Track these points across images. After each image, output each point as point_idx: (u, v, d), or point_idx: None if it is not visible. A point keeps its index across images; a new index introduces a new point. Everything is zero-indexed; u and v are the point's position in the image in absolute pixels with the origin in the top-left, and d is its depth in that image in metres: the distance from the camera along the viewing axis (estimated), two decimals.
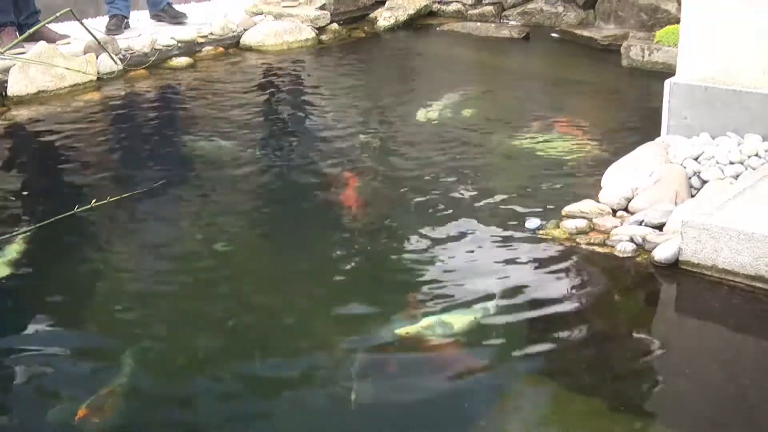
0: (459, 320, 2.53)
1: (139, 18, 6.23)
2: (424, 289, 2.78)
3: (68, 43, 5.41)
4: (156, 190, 3.58)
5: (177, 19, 6.14)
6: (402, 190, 3.57)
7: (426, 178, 3.66)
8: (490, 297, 2.67)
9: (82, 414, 2.18)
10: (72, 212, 3.08)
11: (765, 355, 2.45)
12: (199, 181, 3.86)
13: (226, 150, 4.18)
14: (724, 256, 2.68)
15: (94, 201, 3.24)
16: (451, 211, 3.31)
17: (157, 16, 6.07)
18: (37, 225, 3.15)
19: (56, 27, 5.52)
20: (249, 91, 5.24)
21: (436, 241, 3.06)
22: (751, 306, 2.60)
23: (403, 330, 2.46)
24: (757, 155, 3.24)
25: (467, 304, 2.64)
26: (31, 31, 4.77)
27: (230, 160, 4.01)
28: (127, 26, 5.95)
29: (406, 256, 2.98)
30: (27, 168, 4.14)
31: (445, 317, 2.55)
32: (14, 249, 3.07)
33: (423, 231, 3.14)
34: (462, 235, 3.11)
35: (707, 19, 3.51)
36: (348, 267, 2.97)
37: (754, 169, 3.17)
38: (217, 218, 3.50)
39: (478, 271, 2.86)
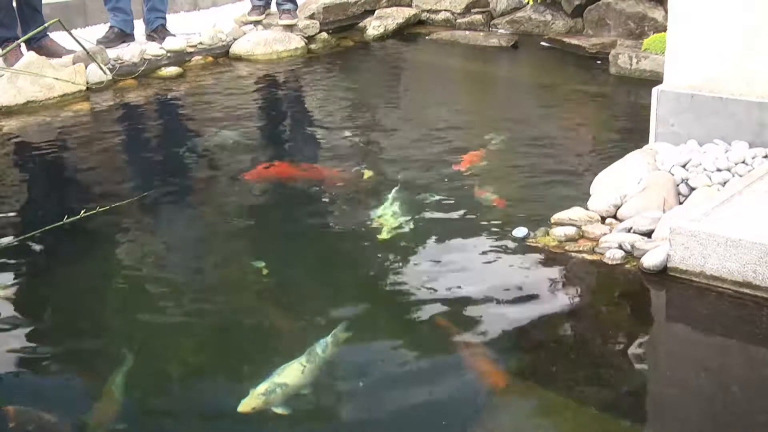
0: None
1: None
2: (410, 301, 2.77)
3: (75, 62, 5.38)
4: (145, 200, 3.58)
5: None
6: (387, 196, 3.57)
7: (412, 184, 3.66)
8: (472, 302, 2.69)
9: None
10: (61, 222, 3.08)
11: (753, 362, 2.46)
12: (187, 191, 3.86)
13: (215, 160, 4.19)
14: (711, 262, 2.68)
15: (83, 211, 3.24)
16: (436, 219, 3.32)
17: (150, 37, 6.02)
18: (26, 235, 3.13)
19: (62, 41, 5.50)
20: (239, 101, 5.24)
21: (420, 252, 3.06)
22: (739, 312, 2.60)
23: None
24: (744, 162, 3.26)
25: (453, 311, 2.65)
26: (20, 41, 4.81)
27: (219, 170, 4.00)
28: (130, 40, 5.88)
29: (387, 267, 2.97)
30: (15, 178, 4.12)
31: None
32: (1, 260, 3.07)
33: (407, 242, 3.13)
34: (447, 245, 3.11)
35: (694, 27, 3.53)
36: (334, 279, 2.96)
37: (741, 176, 3.18)
38: (206, 228, 3.51)
39: (464, 280, 2.86)
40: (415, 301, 2.74)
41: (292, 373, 2.31)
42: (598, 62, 5.66)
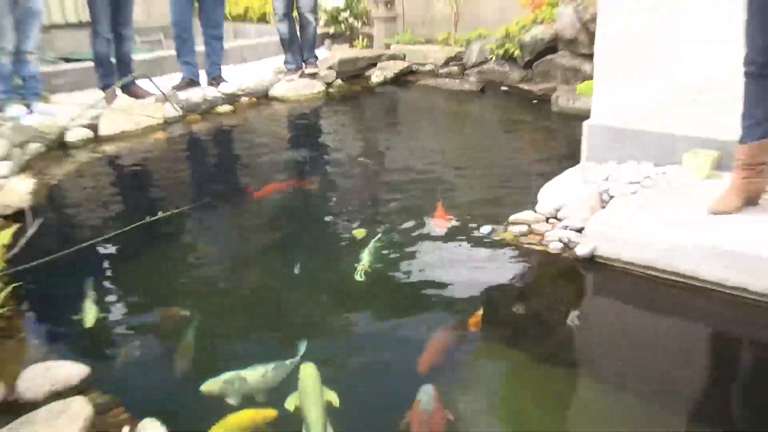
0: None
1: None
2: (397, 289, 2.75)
3: (156, 101, 5.42)
4: (205, 205, 3.62)
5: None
6: (380, 207, 3.57)
7: (402, 195, 3.65)
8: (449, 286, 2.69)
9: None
10: (144, 221, 3.12)
11: (656, 324, 2.47)
12: (235, 199, 3.87)
13: (259, 175, 4.20)
14: (626, 251, 2.71)
15: (160, 212, 3.28)
16: (419, 219, 3.30)
17: (210, 83, 6.01)
18: (119, 231, 3.17)
19: (146, 87, 5.54)
20: (276, 129, 5.29)
21: (404, 247, 3.03)
22: (646, 287, 2.62)
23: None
24: (649, 177, 3.27)
25: (433, 296, 2.65)
26: (115, 86, 4.82)
27: (264, 181, 3.99)
28: (196, 86, 5.87)
29: (377, 260, 2.89)
30: (112, 188, 4.15)
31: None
32: (101, 252, 3.09)
33: (398, 239, 3.14)
34: (427, 240, 3.09)
35: (611, 78, 3.56)
36: (336, 274, 2.85)
37: (647, 187, 3.20)
38: (246, 227, 3.51)
39: (440, 266, 2.85)
40: (400, 282, 2.74)
41: (254, 375, 2.09)
42: (535, 102, 5.69)
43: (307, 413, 1.89)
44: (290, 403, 1.96)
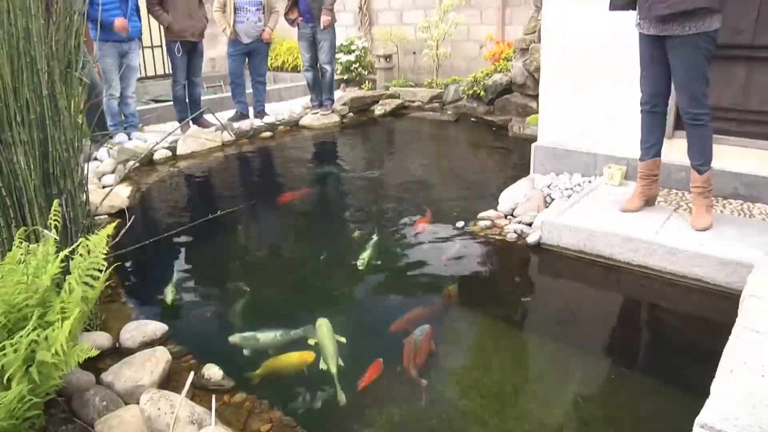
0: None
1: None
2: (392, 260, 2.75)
3: (216, 130, 5.42)
4: (252, 206, 3.60)
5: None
6: (380, 207, 3.55)
7: (397, 198, 3.63)
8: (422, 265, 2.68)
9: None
10: (208, 217, 3.11)
11: (584, 293, 2.48)
12: (275, 200, 3.84)
13: (291, 183, 4.18)
14: (563, 239, 2.73)
15: (218, 211, 3.27)
16: (408, 216, 3.29)
17: (255, 115, 5.96)
18: (190, 224, 3.17)
19: (210, 119, 5.54)
20: (304, 149, 5.24)
21: (400, 236, 3.03)
22: (577, 265, 2.64)
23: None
24: (579, 185, 3.29)
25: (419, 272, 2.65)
26: (187, 119, 4.80)
27: (296, 189, 3.97)
28: (246, 118, 5.84)
29: (380, 245, 2.88)
30: (184, 192, 4.13)
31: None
32: (177, 239, 3.10)
33: (392, 231, 3.13)
34: (414, 233, 3.08)
35: (551, 113, 3.58)
36: (344, 259, 2.75)
37: (577, 192, 3.22)
38: (284, 222, 3.50)
39: (427, 249, 2.85)
40: (394, 262, 2.73)
41: (266, 337, 2.08)
42: (495, 129, 5.65)
43: (323, 349, 1.98)
44: (312, 342, 2.05)
